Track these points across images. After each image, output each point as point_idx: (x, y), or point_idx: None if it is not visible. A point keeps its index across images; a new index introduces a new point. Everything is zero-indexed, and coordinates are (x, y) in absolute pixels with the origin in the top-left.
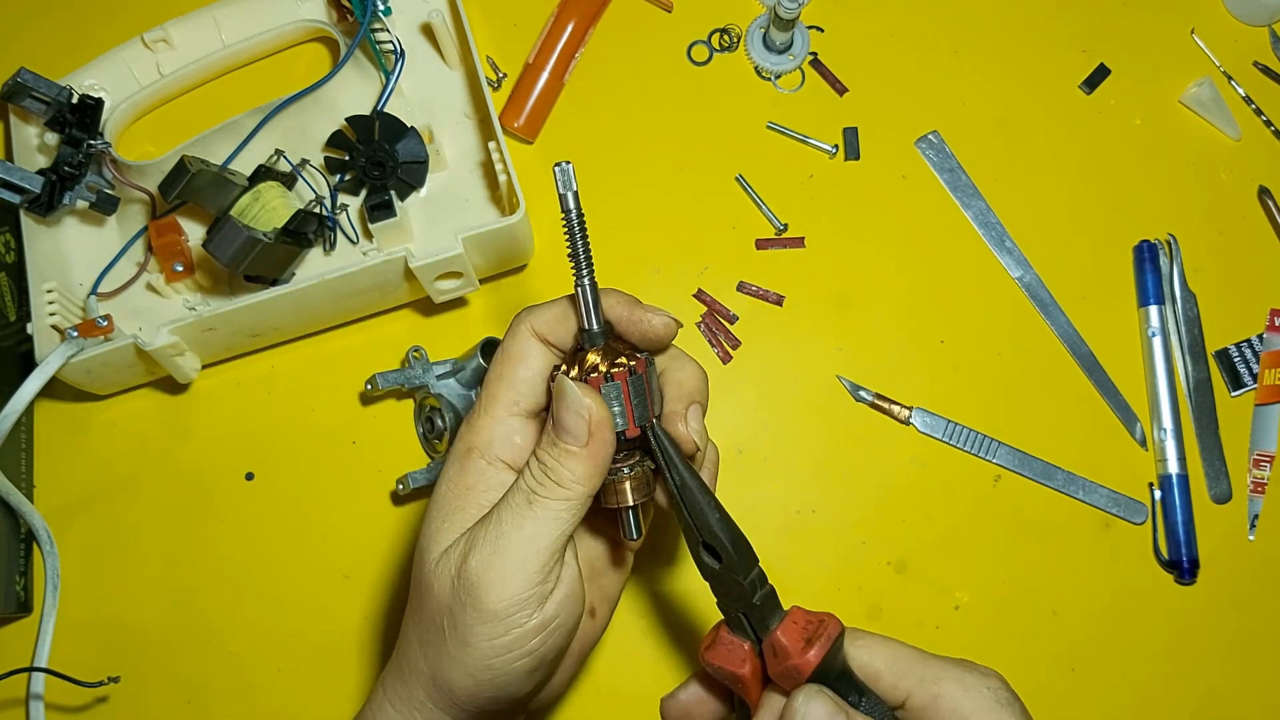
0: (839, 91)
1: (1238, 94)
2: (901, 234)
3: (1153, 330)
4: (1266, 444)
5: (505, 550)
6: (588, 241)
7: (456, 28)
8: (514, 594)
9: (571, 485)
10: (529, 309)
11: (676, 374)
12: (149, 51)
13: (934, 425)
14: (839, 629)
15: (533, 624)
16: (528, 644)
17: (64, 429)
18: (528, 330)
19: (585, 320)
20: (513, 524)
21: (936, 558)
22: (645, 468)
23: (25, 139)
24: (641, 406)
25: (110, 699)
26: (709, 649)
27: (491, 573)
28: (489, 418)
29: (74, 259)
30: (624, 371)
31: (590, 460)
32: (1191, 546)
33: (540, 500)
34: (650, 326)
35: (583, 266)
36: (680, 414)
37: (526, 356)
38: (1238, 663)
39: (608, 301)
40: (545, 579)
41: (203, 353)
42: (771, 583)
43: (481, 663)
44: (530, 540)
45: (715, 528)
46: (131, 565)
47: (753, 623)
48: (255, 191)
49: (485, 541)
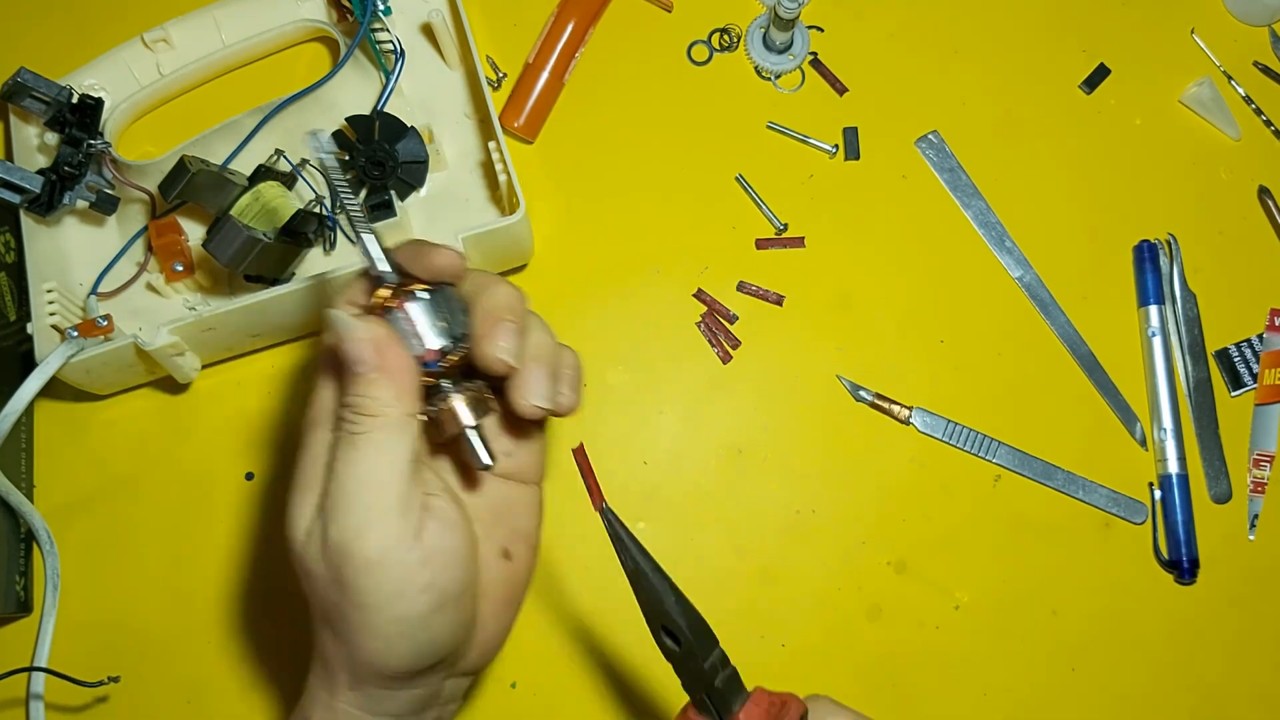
0: (839, 91)
1: (1238, 94)
2: (901, 234)
3: (1153, 330)
4: (1266, 444)
5: (352, 498)
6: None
7: (456, 27)
8: (380, 535)
9: (380, 410)
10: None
11: (483, 300)
12: (149, 51)
13: (934, 425)
14: (801, 710)
15: (414, 556)
16: (417, 578)
17: (64, 429)
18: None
19: (373, 266)
20: (348, 473)
21: (936, 557)
22: (475, 386)
23: (25, 139)
24: (442, 328)
25: (110, 699)
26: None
27: (349, 528)
28: (319, 390)
29: (74, 259)
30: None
31: (387, 377)
32: (1191, 546)
33: (359, 435)
34: (430, 260)
35: (356, 216)
36: (484, 334)
37: None
38: (1238, 663)
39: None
40: (405, 511)
41: (203, 352)
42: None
43: (384, 615)
44: (368, 478)
45: (672, 612)
46: (132, 565)
47: (716, 705)
48: (255, 191)
49: (333, 505)
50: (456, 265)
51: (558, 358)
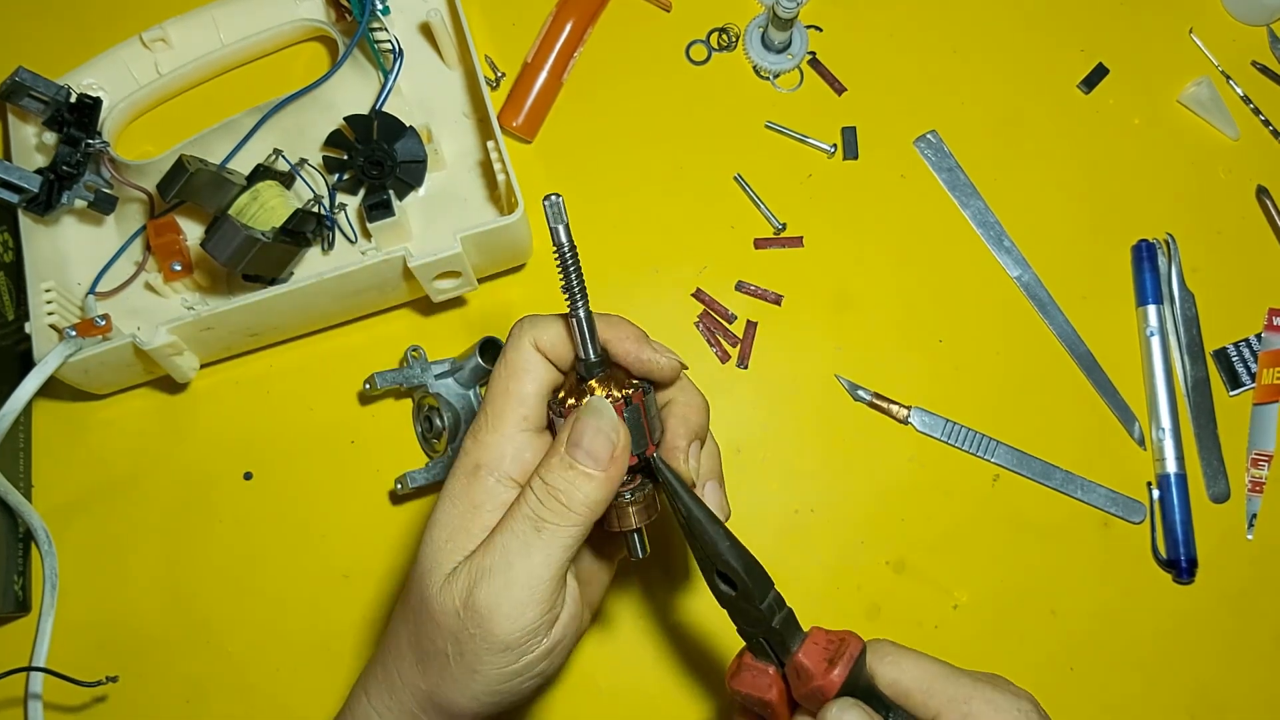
0: (837, 91)
1: (1236, 93)
2: (900, 233)
3: (1151, 330)
4: (1264, 443)
5: (515, 582)
6: (581, 273)
7: (455, 27)
8: (526, 625)
9: (582, 509)
10: (530, 320)
11: (682, 407)
12: (147, 51)
13: (932, 425)
14: (860, 646)
15: (541, 649)
16: (536, 668)
17: (62, 428)
18: (529, 343)
19: (581, 350)
20: (520, 553)
21: (935, 557)
22: (646, 490)
23: (23, 138)
24: (640, 435)
25: (109, 698)
26: (734, 676)
27: (503, 606)
28: (497, 434)
29: (72, 258)
30: (621, 400)
31: (607, 484)
32: (1190, 546)
33: (549, 526)
34: (656, 367)
35: (577, 298)
36: (682, 450)
37: (531, 369)
38: (1235, 662)
39: (616, 334)
40: (553, 605)
41: (201, 352)
42: (784, 597)
43: (489, 688)
44: (539, 569)
45: (727, 555)
46: (130, 565)
47: (774, 646)
48: (254, 191)
49: (493, 573)
50: (675, 376)
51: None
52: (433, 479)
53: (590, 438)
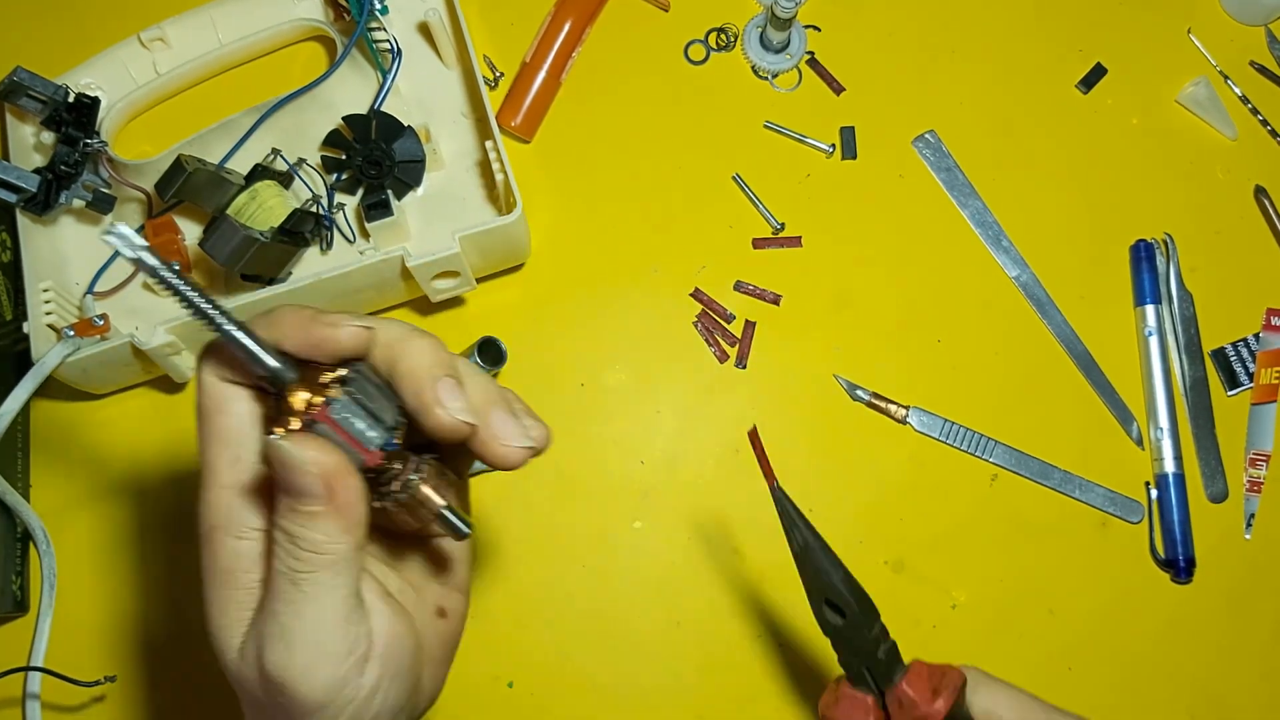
0: (836, 91)
1: (1234, 94)
2: (898, 233)
3: (1149, 329)
4: (1262, 443)
5: (296, 644)
6: (197, 287)
7: (453, 27)
8: (326, 680)
9: (329, 548)
10: (203, 354)
11: (404, 360)
12: (146, 50)
13: (931, 424)
14: (962, 679)
15: (362, 695)
16: (367, 711)
17: (60, 428)
18: (213, 379)
19: (255, 366)
20: (290, 614)
21: (933, 557)
22: (426, 467)
23: (21, 138)
24: (374, 420)
25: (107, 698)
26: (832, 706)
27: (293, 670)
28: (215, 489)
29: (70, 258)
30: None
31: (340, 514)
32: (1188, 545)
33: (305, 577)
34: (337, 344)
35: (213, 315)
36: (430, 401)
37: (224, 404)
38: (1234, 661)
39: (282, 331)
40: (353, 649)
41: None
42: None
43: None
44: (314, 623)
45: (840, 585)
46: (128, 564)
47: (875, 676)
48: (252, 190)
49: (272, 639)
50: (361, 337)
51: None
52: None
53: (290, 481)
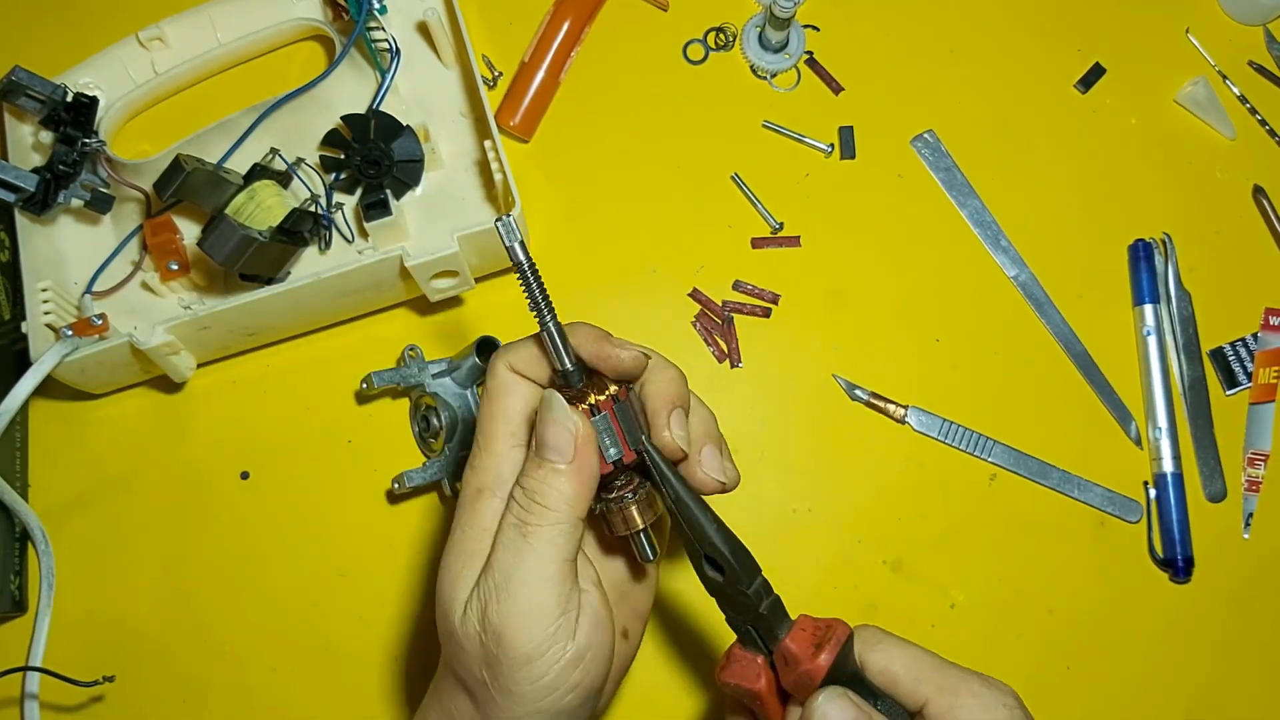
0: (835, 90)
1: (1233, 93)
2: (897, 233)
3: (1148, 329)
4: (1261, 442)
5: (516, 593)
6: (543, 286)
7: (452, 26)
8: (539, 632)
9: (560, 506)
10: (504, 347)
11: (653, 384)
12: (144, 50)
13: (929, 424)
14: (847, 632)
15: (568, 657)
16: (569, 678)
17: (59, 428)
18: (505, 367)
19: (556, 361)
20: (513, 563)
21: (932, 556)
22: (645, 489)
23: (20, 137)
24: (629, 430)
25: (105, 698)
26: (723, 669)
27: (511, 619)
28: (491, 455)
29: (69, 258)
30: (608, 400)
31: (577, 477)
32: (1186, 545)
33: (532, 529)
34: (619, 362)
35: (544, 312)
36: (662, 422)
37: (510, 390)
38: (1232, 661)
39: (576, 339)
40: (565, 609)
41: (198, 351)
42: (771, 584)
43: (530, 707)
44: (535, 574)
45: (714, 539)
46: (127, 564)
47: (762, 634)
48: (251, 190)
49: (497, 589)
50: (642, 368)
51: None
52: (429, 478)
53: (550, 432)
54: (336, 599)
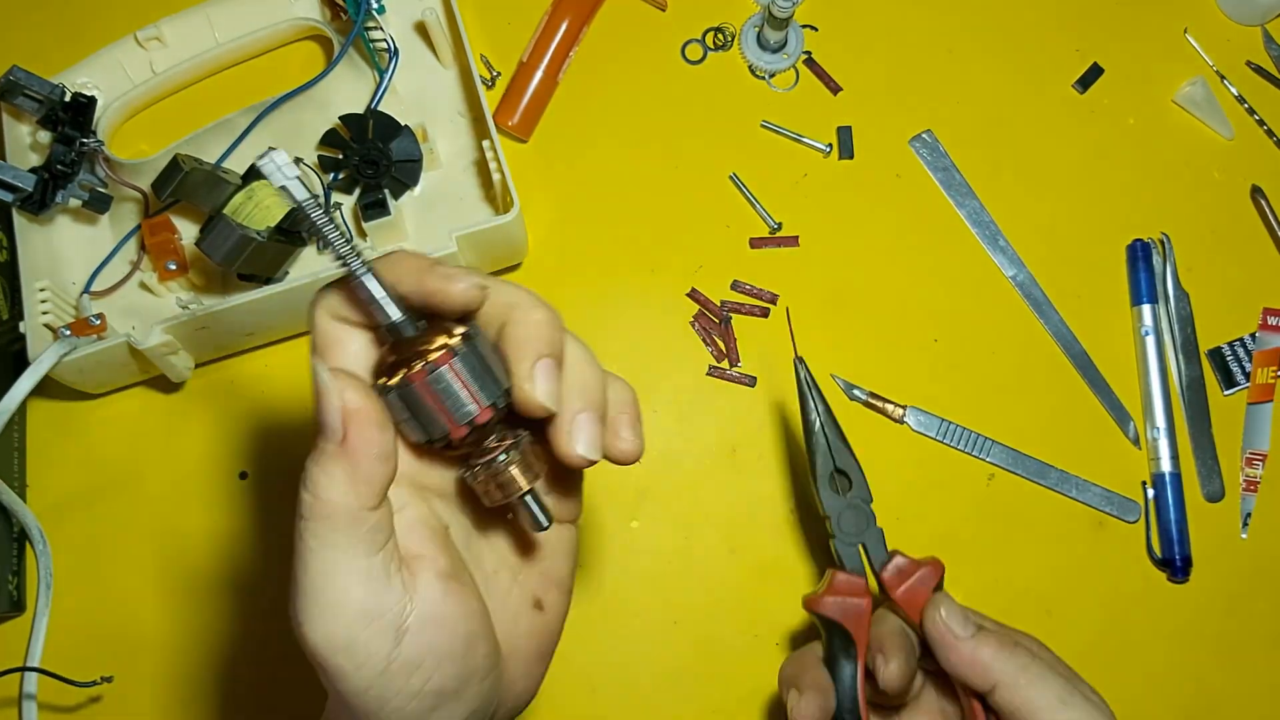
0: (833, 90)
1: (1231, 93)
2: (895, 233)
3: (1146, 329)
4: (1259, 442)
5: (310, 597)
6: (336, 225)
7: (450, 26)
8: (342, 642)
9: (332, 496)
10: (319, 294)
11: (515, 326)
12: (142, 49)
13: (928, 424)
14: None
15: (394, 666)
16: (404, 687)
17: (57, 428)
18: (327, 317)
19: (380, 314)
20: (299, 566)
21: (930, 556)
22: (522, 444)
23: (18, 137)
24: (482, 383)
25: (104, 698)
26: (828, 590)
27: (308, 627)
28: None
29: (67, 258)
30: (444, 352)
31: (347, 460)
32: (1184, 545)
33: (307, 526)
34: (446, 297)
35: (347, 258)
36: (523, 373)
37: (336, 345)
38: (1230, 660)
39: (394, 277)
40: (373, 615)
41: (196, 351)
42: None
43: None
44: (323, 579)
45: (850, 453)
46: (125, 564)
47: (870, 552)
48: (249, 190)
49: (296, 592)
50: (473, 296)
51: (605, 395)
52: None
53: (317, 408)
54: None
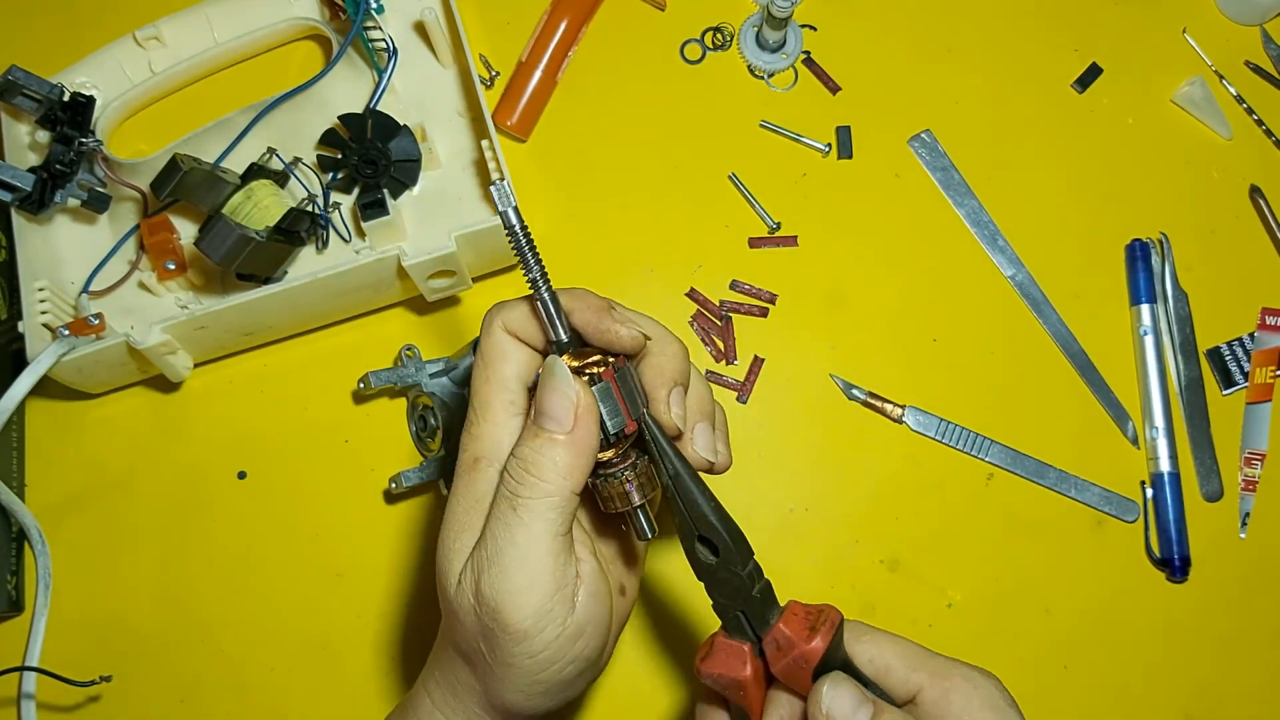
0: (832, 90)
1: (1229, 93)
2: (894, 233)
3: (1144, 329)
4: (1257, 442)
5: (509, 567)
6: (537, 253)
7: (449, 26)
8: (535, 609)
9: (554, 479)
10: (498, 306)
11: (655, 357)
12: (141, 49)
13: (927, 424)
14: (839, 617)
15: (567, 632)
16: (568, 652)
17: (56, 427)
18: (501, 328)
19: (551, 331)
20: (505, 536)
21: (929, 556)
22: (642, 464)
23: (17, 137)
24: (630, 401)
25: (102, 698)
26: (706, 659)
27: (504, 595)
28: (487, 422)
29: (66, 257)
30: (610, 369)
31: (574, 448)
32: (1183, 544)
33: (524, 502)
34: (617, 339)
35: (538, 280)
36: (662, 399)
37: (508, 354)
38: (1229, 660)
39: (578, 307)
40: (561, 584)
41: (195, 351)
42: (762, 569)
43: (529, 679)
44: (528, 549)
45: (711, 518)
46: (124, 564)
47: (751, 620)
48: (248, 190)
49: (489, 562)
50: (639, 347)
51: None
52: (426, 478)
53: (550, 400)
54: (334, 598)
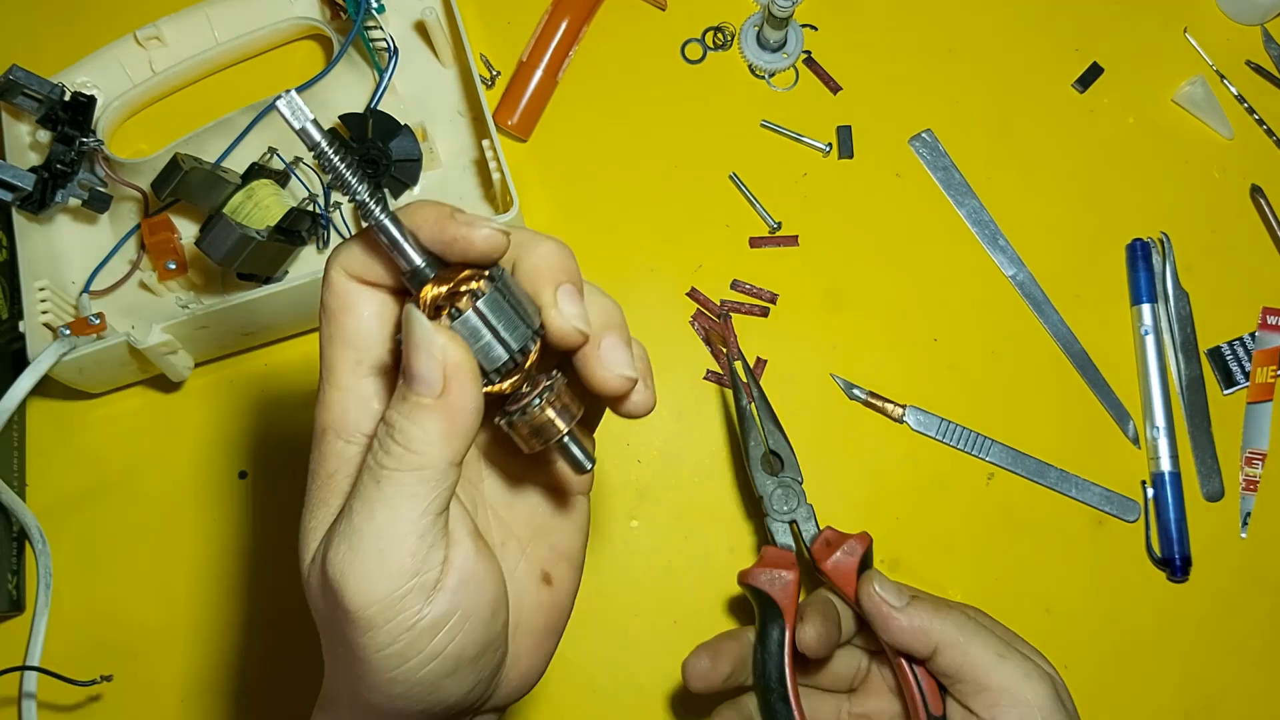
0: (833, 90)
1: (1230, 93)
2: (895, 232)
3: (1145, 328)
4: (1258, 442)
5: (360, 546)
6: (360, 170)
7: (450, 25)
8: (382, 595)
9: (425, 450)
10: (335, 250)
11: (528, 261)
12: (141, 49)
13: (927, 423)
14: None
15: (423, 624)
16: (426, 647)
17: (56, 427)
18: (342, 274)
19: (401, 260)
20: (364, 513)
21: (929, 555)
22: (556, 385)
23: (17, 136)
24: (512, 323)
25: (103, 697)
26: (758, 563)
27: (350, 575)
28: (334, 388)
29: (66, 257)
30: (486, 281)
31: (446, 414)
32: (1184, 544)
33: (389, 475)
34: (470, 245)
35: (367, 201)
36: (549, 301)
37: (352, 305)
38: (1230, 660)
39: (417, 224)
40: (421, 569)
41: (195, 351)
42: None
43: (383, 676)
44: (386, 529)
45: (783, 436)
46: (125, 563)
47: (800, 528)
48: (248, 189)
49: (339, 537)
50: (496, 241)
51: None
52: None
53: (412, 359)
54: None
